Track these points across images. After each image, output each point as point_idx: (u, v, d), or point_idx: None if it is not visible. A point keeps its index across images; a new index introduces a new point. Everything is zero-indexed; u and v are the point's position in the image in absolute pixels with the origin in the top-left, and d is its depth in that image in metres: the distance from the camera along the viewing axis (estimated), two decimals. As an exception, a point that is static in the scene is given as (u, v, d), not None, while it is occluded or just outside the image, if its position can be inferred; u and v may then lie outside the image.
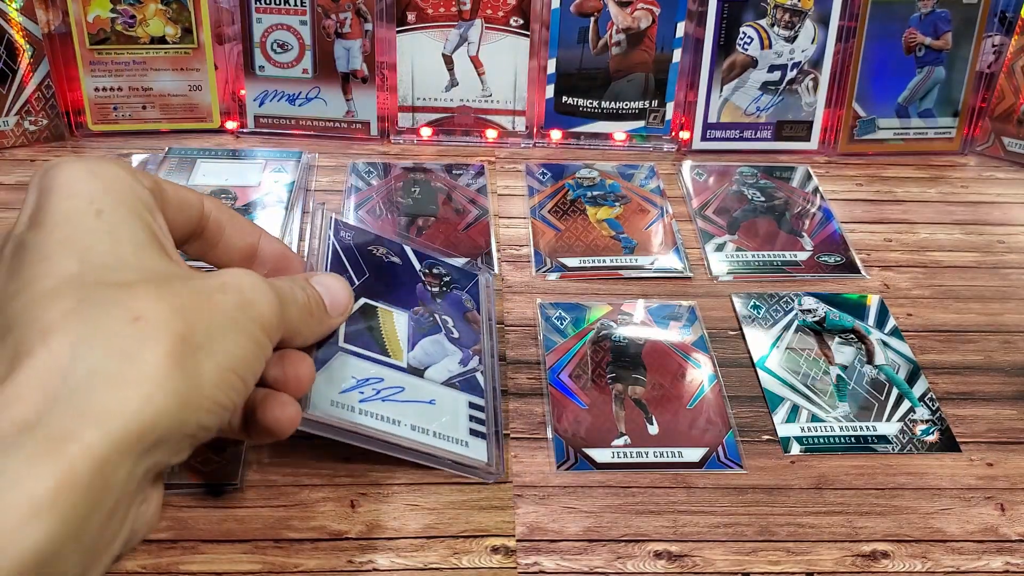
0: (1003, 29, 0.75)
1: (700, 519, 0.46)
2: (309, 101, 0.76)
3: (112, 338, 0.31)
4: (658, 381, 0.54)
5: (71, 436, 0.28)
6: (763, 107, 0.76)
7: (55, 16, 0.71)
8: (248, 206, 0.67)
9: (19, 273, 0.33)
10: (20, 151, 0.73)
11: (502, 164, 0.74)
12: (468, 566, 0.44)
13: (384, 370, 0.48)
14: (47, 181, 0.35)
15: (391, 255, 0.54)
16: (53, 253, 0.33)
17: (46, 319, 0.31)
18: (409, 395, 0.48)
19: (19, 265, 0.33)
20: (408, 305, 0.52)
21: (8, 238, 0.35)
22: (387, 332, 0.50)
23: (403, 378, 0.49)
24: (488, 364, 0.53)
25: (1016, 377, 0.56)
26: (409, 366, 0.50)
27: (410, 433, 0.46)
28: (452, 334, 0.53)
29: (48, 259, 0.33)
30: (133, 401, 0.30)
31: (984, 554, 0.45)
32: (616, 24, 0.73)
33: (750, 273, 0.64)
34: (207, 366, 0.33)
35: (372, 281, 0.52)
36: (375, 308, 0.51)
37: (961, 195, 0.74)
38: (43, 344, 0.30)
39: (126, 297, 0.32)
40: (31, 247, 0.33)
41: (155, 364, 0.31)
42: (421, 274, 0.55)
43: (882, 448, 0.51)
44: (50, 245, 0.33)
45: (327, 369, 0.46)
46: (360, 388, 0.47)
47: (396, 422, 0.46)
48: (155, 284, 0.33)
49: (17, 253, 0.33)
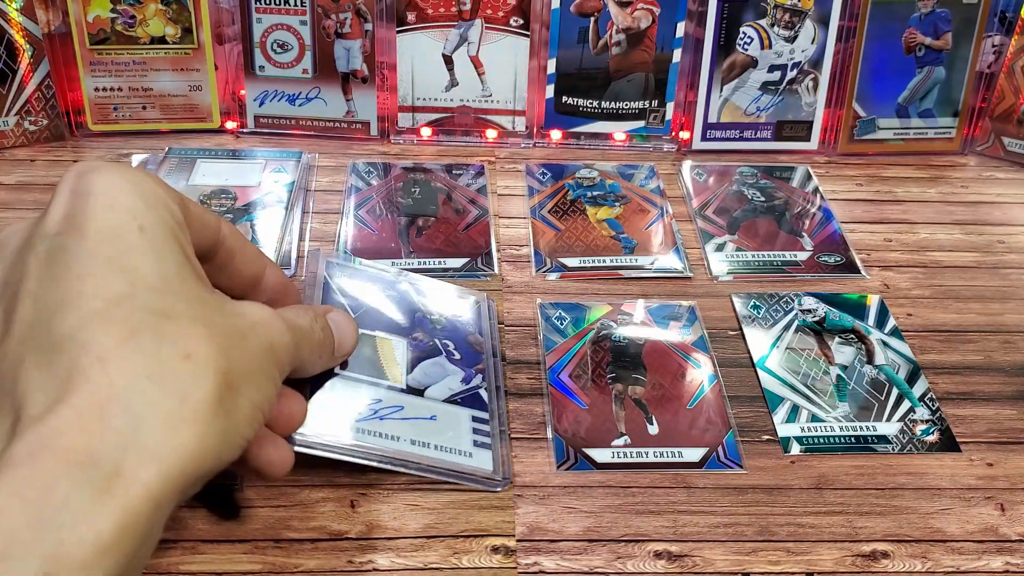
0: (1003, 29, 0.75)
1: (700, 519, 0.46)
2: (309, 101, 0.76)
3: (168, 375, 0.31)
4: (658, 381, 0.54)
5: (133, 476, 0.29)
6: (763, 107, 0.76)
7: (55, 16, 0.71)
8: (248, 206, 0.67)
9: (62, 282, 0.32)
10: (20, 151, 0.73)
11: (502, 164, 0.74)
12: (468, 566, 0.44)
13: (382, 392, 0.48)
14: (84, 184, 0.35)
15: (388, 289, 0.55)
16: (100, 270, 0.33)
17: (101, 344, 0.31)
18: (408, 413, 0.48)
19: (61, 273, 0.33)
20: (406, 333, 0.52)
21: (38, 234, 0.34)
22: (385, 358, 0.50)
23: (402, 397, 0.48)
24: (492, 379, 0.52)
25: (1016, 377, 0.56)
26: (408, 387, 0.49)
27: (410, 448, 0.46)
28: (453, 356, 0.52)
29: (95, 275, 0.32)
30: (188, 442, 0.31)
31: (984, 554, 0.45)
32: (616, 24, 0.73)
33: (750, 273, 0.64)
34: (242, 404, 0.34)
35: (367, 313, 0.52)
36: (372, 337, 0.51)
37: (961, 195, 0.74)
38: (102, 371, 0.30)
39: (177, 332, 0.33)
40: (74, 256, 0.33)
41: (205, 403, 0.32)
42: (420, 304, 0.55)
43: (882, 448, 0.51)
44: (97, 261, 0.33)
45: (322, 394, 0.46)
46: (358, 409, 0.47)
47: (395, 438, 0.46)
48: (201, 319, 0.34)
49: (56, 257, 0.33)
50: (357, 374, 0.48)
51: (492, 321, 0.57)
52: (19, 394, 0.30)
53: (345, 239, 0.64)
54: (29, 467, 0.28)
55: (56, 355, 0.30)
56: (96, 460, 0.28)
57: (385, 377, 0.49)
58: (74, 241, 0.33)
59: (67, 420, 0.29)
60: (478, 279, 0.62)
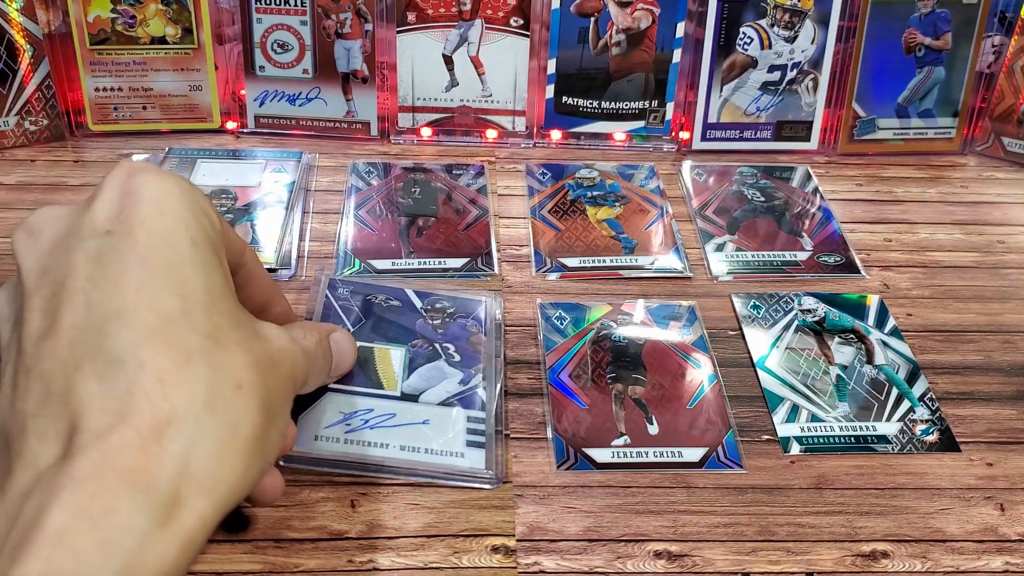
0: (1003, 29, 0.75)
1: (700, 519, 0.46)
2: (309, 101, 0.76)
3: (221, 404, 0.32)
4: (658, 381, 0.54)
5: (190, 505, 0.30)
6: (763, 107, 0.76)
7: (55, 16, 0.71)
8: (248, 206, 0.67)
9: (116, 288, 0.32)
10: (20, 151, 0.73)
11: (502, 164, 0.74)
12: (468, 566, 0.44)
13: (374, 401, 0.49)
14: (135, 185, 0.35)
15: (390, 300, 0.56)
16: (155, 282, 0.33)
17: (160, 366, 0.31)
18: (400, 420, 0.49)
19: (115, 278, 0.33)
20: (406, 340, 0.54)
21: (84, 226, 0.34)
22: (382, 367, 0.51)
23: (394, 405, 0.50)
24: (492, 377, 0.53)
25: (1016, 377, 0.56)
26: (403, 393, 0.50)
27: (399, 453, 0.47)
28: (453, 358, 0.53)
29: (150, 287, 0.33)
30: (235, 472, 0.32)
31: (984, 554, 0.45)
32: (616, 24, 0.73)
33: (750, 273, 0.64)
34: (273, 433, 0.36)
35: (369, 326, 0.54)
36: (370, 348, 0.52)
37: (961, 195, 0.74)
38: (162, 394, 0.31)
39: (229, 360, 0.33)
40: (128, 261, 0.33)
41: (252, 435, 0.33)
42: (422, 311, 0.56)
43: (882, 448, 0.51)
44: (151, 270, 0.33)
45: (313, 409, 0.48)
46: (347, 421, 0.48)
47: (384, 445, 0.47)
48: (244, 346, 0.35)
49: (108, 259, 0.33)
50: (351, 386, 0.49)
51: (499, 321, 0.57)
52: (75, 402, 0.30)
53: (345, 239, 0.64)
54: (94, 486, 0.28)
55: (114, 369, 0.31)
56: (155, 485, 0.29)
57: (380, 386, 0.50)
58: (126, 245, 0.33)
59: (128, 440, 0.30)
60: (478, 279, 0.62)
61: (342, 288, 0.56)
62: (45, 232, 0.35)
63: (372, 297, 0.56)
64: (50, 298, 0.33)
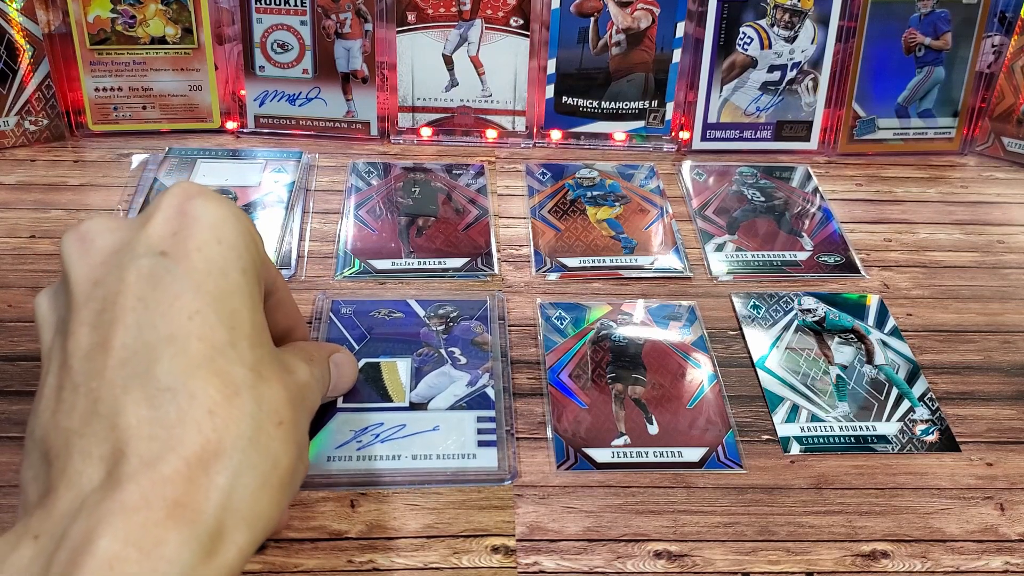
0: (1003, 29, 0.75)
1: (700, 519, 0.46)
2: (309, 101, 0.76)
3: (264, 439, 0.33)
4: (658, 381, 0.54)
5: (231, 539, 0.30)
6: (763, 107, 0.76)
7: (55, 16, 0.71)
8: (248, 206, 0.67)
9: (169, 313, 0.32)
10: (20, 151, 0.73)
11: (502, 164, 0.74)
12: (468, 566, 0.44)
13: (384, 415, 0.50)
14: (193, 208, 0.35)
15: (393, 313, 0.56)
16: (206, 310, 0.33)
17: (211, 398, 0.32)
18: (410, 429, 0.49)
19: (168, 301, 0.33)
20: (411, 351, 0.54)
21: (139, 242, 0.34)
22: (389, 380, 0.52)
23: (403, 416, 0.50)
24: (500, 375, 0.53)
25: (1016, 377, 0.56)
26: (411, 403, 0.51)
27: (411, 463, 0.48)
28: (459, 362, 0.53)
29: (202, 315, 0.33)
30: (272, 507, 0.33)
31: (984, 554, 0.45)
32: (616, 24, 0.73)
33: (750, 273, 0.64)
34: (301, 466, 0.36)
35: (373, 342, 0.54)
36: (376, 363, 0.53)
37: (961, 195, 0.74)
38: (212, 426, 0.31)
39: (270, 395, 0.34)
40: (182, 285, 0.33)
41: (289, 471, 0.34)
42: (425, 319, 0.56)
43: (882, 448, 0.51)
44: (204, 297, 0.33)
45: (325, 431, 0.48)
46: (358, 438, 0.49)
47: (396, 457, 0.48)
48: (281, 381, 0.35)
49: (163, 281, 0.33)
50: (359, 403, 0.50)
51: (503, 320, 0.57)
52: (123, 426, 0.31)
53: (345, 239, 0.64)
54: (144, 516, 0.29)
55: (164, 397, 0.31)
56: (200, 517, 0.30)
57: (389, 399, 0.51)
58: (181, 268, 0.33)
59: (177, 471, 0.30)
60: (478, 279, 0.62)
61: (344, 308, 0.57)
62: (97, 242, 0.35)
63: (375, 313, 0.57)
64: (100, 312, 0.33)
